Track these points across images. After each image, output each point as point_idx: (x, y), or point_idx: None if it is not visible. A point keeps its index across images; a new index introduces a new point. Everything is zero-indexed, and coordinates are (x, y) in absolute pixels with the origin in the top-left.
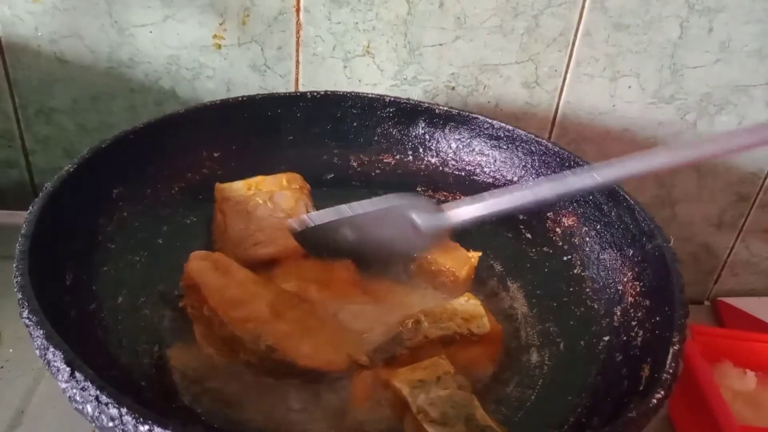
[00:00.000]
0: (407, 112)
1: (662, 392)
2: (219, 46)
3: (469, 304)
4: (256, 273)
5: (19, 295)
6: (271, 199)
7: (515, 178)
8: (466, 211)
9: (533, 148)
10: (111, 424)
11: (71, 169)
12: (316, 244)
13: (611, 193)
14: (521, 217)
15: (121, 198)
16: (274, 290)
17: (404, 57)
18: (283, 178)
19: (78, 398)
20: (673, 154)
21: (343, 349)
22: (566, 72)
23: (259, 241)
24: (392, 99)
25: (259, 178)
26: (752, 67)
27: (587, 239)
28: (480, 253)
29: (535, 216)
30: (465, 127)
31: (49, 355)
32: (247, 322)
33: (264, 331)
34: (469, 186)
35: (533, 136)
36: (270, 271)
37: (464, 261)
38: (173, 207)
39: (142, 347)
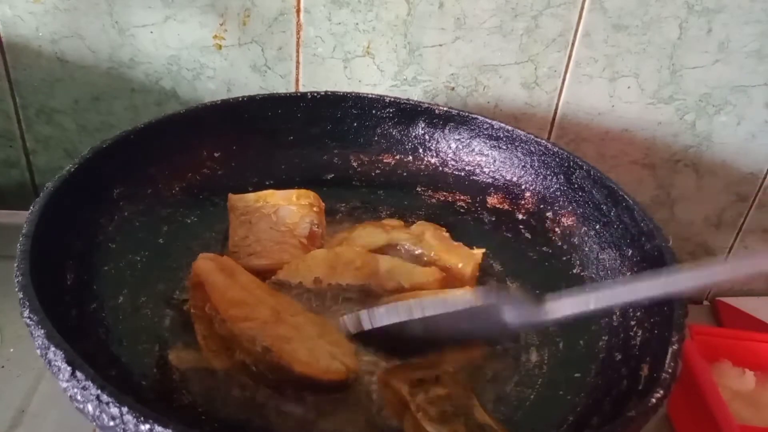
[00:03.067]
0: (407, 113)
1: (661, 392)
2: (219, 47)
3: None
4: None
5: (20, 295)
6: (276, 212)
7: (515, 178)
8: (569, 305)
9: (532, 148)
10: (112, 423)
11: (72, 169)
12: (376, 341)
13: (610, 193)
14: (520, 216)
15: (121, 198)
16: (277, 297)
17: (404, 57)
18: (293, 194)
19: (79, 398)
20: None
21: (340, 358)
22: (565, 72)
23: (255, 252)
24: (392, 99)
25: (269, 192)
26: (751, 67)
27: (586, 239)
28: (484, 250)
29: (535, 216)
30: (465, 127)
31: (50, 355)
32: (246, 321)
33: (262, 332)
34: (469, 186)
35: (532, 137)
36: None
37: (469, 258)
38: (174, 207)
39: (142, 347)
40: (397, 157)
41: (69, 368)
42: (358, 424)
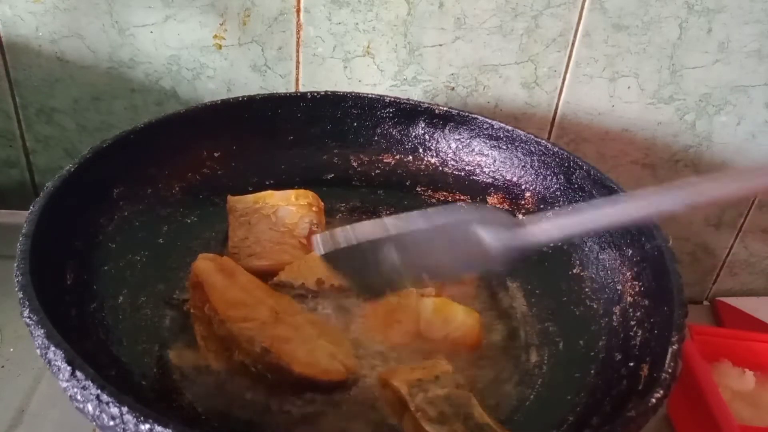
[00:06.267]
0: (407, 113)
1: (661, 392)
2: (219, 47)
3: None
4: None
5: (20, 295)
6: (275, 213)
7: (515, 178)
8: (553, 226)
9: (532, 148)
10: (112, 423)
11: (72, 169)
12: (349, 265)
13: (610, 193)
14: (520, 216)
15: (121, 198)
16: (277, 298)
17: (404, 57)
18: (292, 195)
19: (79, 397)
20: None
21: (340, 359)
22: (565, 72)
23: (254, 253)
24: (392, 99)
25: (268, 193)
26: (751, 67)
27: (586, 239)
28: None
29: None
30: (465, 127)
31: (50, 355)
32: (245, 321)
33: (261, 332)
34: (469, 186)
35: (532, 137)
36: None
37: None
38: (174, 207)
39: (142, 346)
40: (397, 157)
41: (69, 368)
42: (358, 424)
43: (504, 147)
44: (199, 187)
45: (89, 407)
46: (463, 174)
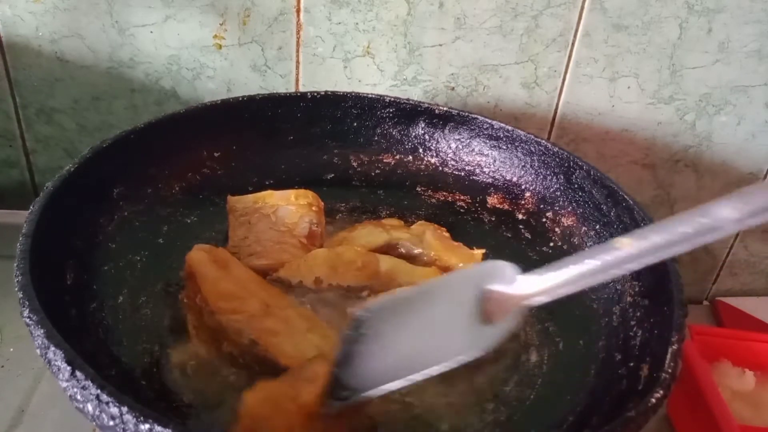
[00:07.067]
0: (407, 113)
1: (661, 392)
2: (219, 47)
3: None
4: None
5: (20, 295)
6: (275, 213)
7: (515, 178)
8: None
9: (532, 148)
10: (111, 423)
11: (72, 169)
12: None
13: (610, 193)
14: (520, 216)
15: (121, 197)
16: (269, 291)
17: (404, 57)
18: (291, 194)
19: (79, 397)
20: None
21: (328, 352)
22: (565, 72)
23: (255, 252)
24: (392, 99)
25: (268, 193)
26: (751, 67)
27: (586, 239)
28: (483, 250)
29: (535, 216)
30: (465, 127)
31: (50, 354)
32: (234, 313)
33: (249, 325)
34: (469, 186)
35: (532, 137)
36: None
37: (469, 258)
38: (174, 207)
39: (142, 346)
40: (397, 157)
41: (69, 368)
42: (355, 421)
43: (504, 147)
44: (199, 187)
45: (89, 407)
46: (463, 174)
